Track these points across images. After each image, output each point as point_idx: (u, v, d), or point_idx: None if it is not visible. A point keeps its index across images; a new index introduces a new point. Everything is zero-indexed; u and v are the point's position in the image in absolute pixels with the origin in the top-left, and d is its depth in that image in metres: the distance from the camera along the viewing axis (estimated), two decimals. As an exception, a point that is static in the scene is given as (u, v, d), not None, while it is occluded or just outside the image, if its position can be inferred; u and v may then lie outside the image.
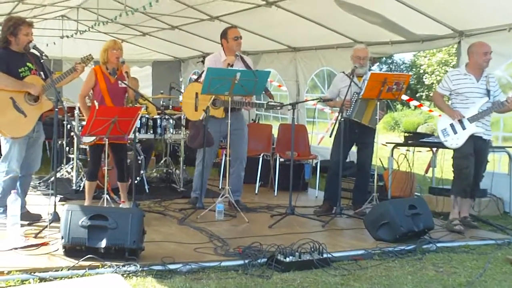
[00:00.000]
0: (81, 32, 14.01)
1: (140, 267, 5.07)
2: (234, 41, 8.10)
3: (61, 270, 4.96)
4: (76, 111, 8.95)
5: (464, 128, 7.24)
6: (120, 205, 7.48)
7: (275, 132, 11.24)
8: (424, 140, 8.99)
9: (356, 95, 7.84)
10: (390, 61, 41.72)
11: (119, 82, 7.21)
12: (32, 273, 4.86)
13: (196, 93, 8.03)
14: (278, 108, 7.83)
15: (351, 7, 9.45)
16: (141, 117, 9.03)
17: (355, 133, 7.95)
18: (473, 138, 7.24)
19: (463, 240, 6.79)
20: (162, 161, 10.51)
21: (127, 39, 15.67)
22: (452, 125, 7.32)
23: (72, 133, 9.08)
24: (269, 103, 7.99)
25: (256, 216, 7.87)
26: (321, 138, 12.82)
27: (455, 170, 7.45)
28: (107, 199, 6.94)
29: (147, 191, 9.29)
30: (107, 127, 6.59)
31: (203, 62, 14.41)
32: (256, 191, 9.83)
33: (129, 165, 7.86)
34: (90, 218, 5.31)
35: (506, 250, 6.42)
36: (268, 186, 10.20)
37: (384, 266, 5.57)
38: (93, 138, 6.90)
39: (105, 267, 5.05)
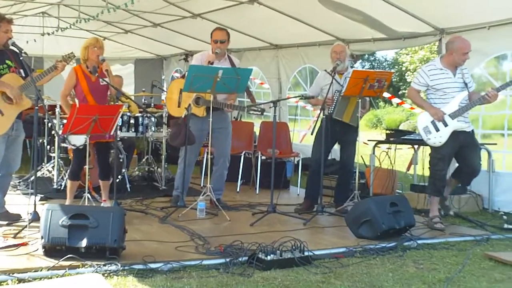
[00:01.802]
0: (63, 29, 13.88)
1: (121, 266, 5.04)
2: (214, 43, 8.09)
3: (41, 270, 4.91)
4: (57, 109, 8.91)
5: (446, 125, 7.17)
6: (102, 204, 7.45)
7: (257, 129, 11.25)
8: (405, 137, 9.01)
9: (337, 93, 7.85)
10: (372, 59, 41.90)
11: (100, 80, 7.17)
12: (11, 274, 4.80)
13: (181, 90, 8.02)
14: (259, 113, 7.81)
15: (333, 4, 9.46)
16: (123, 115, 9.00)
17: (336, 131, 7.94)
18: (456, 134, 7.19)
19: (443, 236, 6.84)
20: (143, 160, 10.49)
21: (109, 36, 15.60)
22: (433, 122, 7.23)
23: (53, 132, 9.03)
24: (251, 107, 7.98)
25: (238, 214, 7.86)
26: (303, 136, 12.83)
27: (431, 169, 7.47)
28: (88, 198, 6.89)
29: (129, 189, 9.27)
30: (88, 126, 6.54)
31: (185, 60, 14.44)
32: (238, 189, 9.84)
33: (111, 163, 7.83)
34: (70, 217, 5.26)
35: (485, 246, 6.47)
36: (250, 184, 10.23)
37: (365, 264, 5.59)
38: (83, 140, 6.82)
39: (86, 266, 5.01)
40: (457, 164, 7.65)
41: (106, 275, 4.88)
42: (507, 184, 8.58)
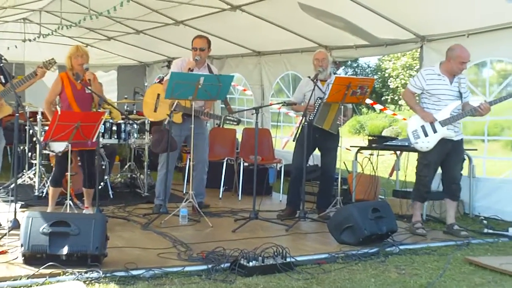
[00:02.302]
0: (44, 35, 13.81)
1: (102, 273, 5.01)
2: (194, 51, 8.10)
3: (20, 279, 4.85)
4: (39, 116, 8.86)
5: (435, 131, 7.19)
6: (84, 211, 7.42)
7: (239, 136, 11.25)
8: (387, 143, 9.04)
9: (319, 99, 7.87)
10: (355, 65, 42.05)
11: (86, 88, 7.14)
12: (-11, 283, 4.76)
13: (158, 94, 8.05)
14: (235, 123, 7.85)
15: (315, 11, 9.49)
16: (105, 122, 9.00)
17: (316, 138, 7.96)
18: (444, 141, 7.22)
19: (425, 242, 6.88)
20: (126, 166, 10.45)
21: (92, 43, 15.54)
22: (423, 127, 7.24)
23: (34, 139, 8.98)
24: (227, 117, 7.99)
25: (220, 220, 7.86)
26: (286, 142, 12.85)
27: (417, 174, 7.52)
28: (70, 205, 6.86)
29: (111, 196, 9.23)
30: (70, 133, 6.51)
31: (168, 66, 14.41)
32: (220, 196, 9.84)
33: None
34: (51, 224, 5.22)
35: (465, 251, 6.52)
36: (232, 190, 10.22)
37: (347, 270, 5.59)
38: (63, 146, 6.80)
39: (67, 274, 4.96)
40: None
41: (87, 282, 4.85)
42: (487, 189, 8.64)
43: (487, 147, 9.12)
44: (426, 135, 7.24)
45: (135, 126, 9.47)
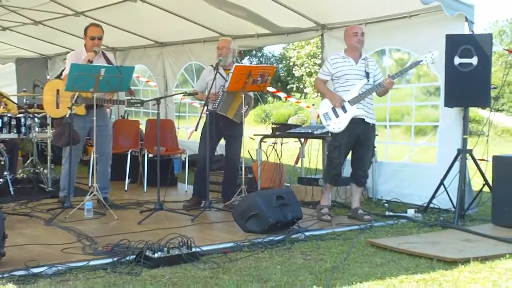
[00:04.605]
0: None
1: (-1, 274, 4.84)
2: (90, 40, 7.97)
3: None
4: None
5: (345, 111, 7.26)
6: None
7: (143, 127, 11.14)
8: (290, 131, 9.12)
9: (222, 88, 7.87)
10: (260, 54, 42.21)
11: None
12: None
13: (58, 90, 7.85)
14: (139, 105, 7.76)
15: (216, 1, 9.49)
16: (2, 115, 8.72)
17: (220, 127, 7.97)
18: (356, 122, 7.30)
19: (330, 227, 6.99)
20: (28, 161, 10.16)
21: (-16, 33, 14.98)
22: (333, 109, 7.31)
23: None
24: (130, 100, 7.91)
25: (126, 213, 7.77)
26: (191, 133, 12.82)
27: (327, 156, 7.64)
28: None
29: (12, 192, 8.93)
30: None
31: (66, 59, 14.07)
32: (126, 188, 9.74)
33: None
34: None
35: (368, 234, 6.69)
36: (138, 182, 10.13)
37: (253, 258, 5.61)
38: None
39: (-42, 277, 4.75)
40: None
41: (-19, 285, 4.68)
42: (388, 173, 8.92)
43: (389, 133, 9.36)
44: (337, 116, 7.32)
45: (36, 120, 9.22)
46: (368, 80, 7.35)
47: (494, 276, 5.02)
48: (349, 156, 7.72)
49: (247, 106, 8.03)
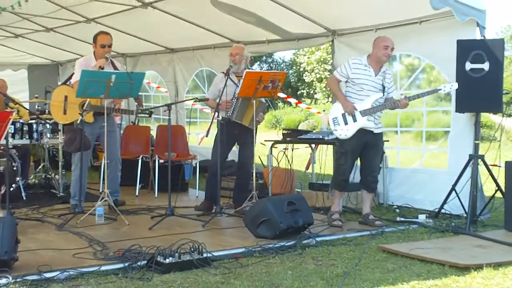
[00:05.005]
0: None
1: (12, 279, 4.82)
2: (101, 48, 8.01)
3: None
4: None
5: (355, 120, 7.24)
6: (-7, 215, 7.21)
7: (154, 133, 11.17)
8: (301, 136, 9.12)
9: (235, 95, 7.88)
10: (270, 60, 42.27)
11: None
12: None
13: (66, 96, 7.89)
14: (148, 115, 7.80)
15: (226, 7, 9.50)
16: (15, 122, 8.77)
17: (235, 134, 8.00)
18: (363, 132, 7.29)
19: (341, 233, 6.98)
20: (40, 167, 10.21)
21: (-2, 40, 15.06)
22: (343, 115, 7.28)
23: None
24: (138, 110, 7.94)
25: (137, 218, 7.78)
26: (202, 138, 12.83)
27: (335, 163, 7.64)
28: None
29: (24, 198, 8.96)
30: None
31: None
32: (137, 193, 9.74)
33: (2, 172, 7.59)
34: (-45, 230, 5.01)
35: (380, 239, 6.67)
36: (149, 188, 10.13)
37: (264, 263, 5.61)
38: None
39: (-28, 281, 4.79)
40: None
41: (-5, 289, 4.70)
42: (400, 179, 8.87)
43: (400, 138, 9.34)
44: (346, 123, 7.29)
45: (47, 125, 9.27)
46: (383, 95, 7.33)
47: (508, 282, 5.00)
48: (358, 162, 7.71)
49: (261, 113, 8.03)
